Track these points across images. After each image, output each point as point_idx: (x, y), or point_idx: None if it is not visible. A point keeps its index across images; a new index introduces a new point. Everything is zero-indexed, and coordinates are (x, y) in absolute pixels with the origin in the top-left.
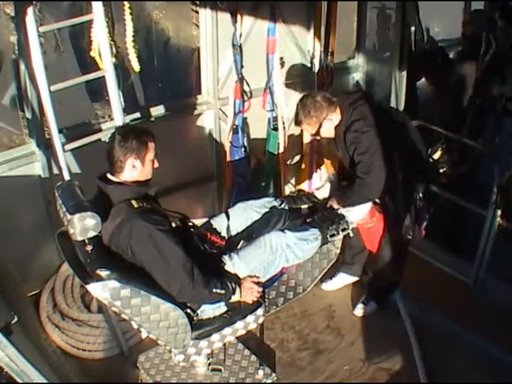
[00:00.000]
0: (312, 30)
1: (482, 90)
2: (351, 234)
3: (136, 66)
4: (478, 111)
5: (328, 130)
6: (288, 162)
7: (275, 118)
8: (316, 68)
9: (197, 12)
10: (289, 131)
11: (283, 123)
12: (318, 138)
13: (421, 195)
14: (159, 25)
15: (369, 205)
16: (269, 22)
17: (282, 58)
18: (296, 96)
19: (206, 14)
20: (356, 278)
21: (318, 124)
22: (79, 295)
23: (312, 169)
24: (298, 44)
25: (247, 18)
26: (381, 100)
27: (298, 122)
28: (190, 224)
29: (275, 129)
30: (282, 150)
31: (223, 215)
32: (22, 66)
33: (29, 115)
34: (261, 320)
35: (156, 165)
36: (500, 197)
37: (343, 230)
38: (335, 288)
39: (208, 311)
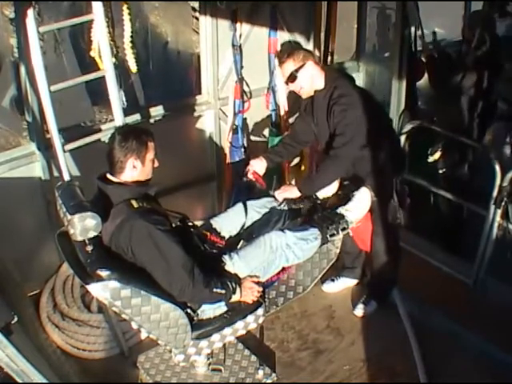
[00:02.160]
0: (312, 31)
1: (485, 93)
2: (351, 234)
3: (133, 67)
4: (481, 113)
5: (308, 78)
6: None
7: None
8: None
9: (196, 18)
10: None
11: (285, 122)
12: (292, 86)
13: (399, 179)
14: (159, 26)
15: (368, 204)
16: (269, 23)
17: None
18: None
19: (206, 15)
20: (357, 281)
21: (302, 63)
22: (79, 295)
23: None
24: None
25: (247, 19)
26: (380, 100)
27: (282, 59)
28: (190, 224)
29: (277, 128)
30: None
31: (223, 215)
32: (22, 67)
33: (29, 116)
34: (261, 320)
35: (156, 164)
36: None
37: (343, 229)
38: (336, 290)
39: (208, 311)
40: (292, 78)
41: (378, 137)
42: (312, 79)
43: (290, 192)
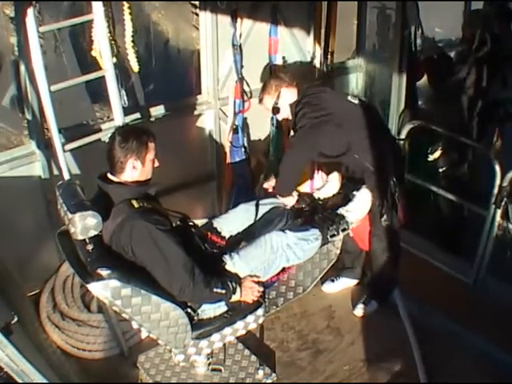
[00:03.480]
0: (312, 31)
1: (484, 93)
2: (351, 234)
3: (135, 67)
4: (480, 114)
5: (288, 103)
6: None
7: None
8: (316, 68)
9: (197, 14)
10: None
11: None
12: (280, 116)
13: (393, 181)
14: (159, 25)
15: (369, 204)
16: (270, 22)
17: (283, 58)
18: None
19: (205, 15)
20: (357, 281)
21: (277, 93)
22: (79, 295)
23: (313, 169)
24: (298, 44)
25: (247, 18)
26: (380, 100)
27: (260, 98)
28: (191, 224)
29: (279, 128)
30: (285, 149)
31: (225, 215)
32: (22, 67)
33: (29, 115)
34: (261, 320)
35: (156, 164)
36: None
37: (343, 230)
38: (336, 290)
39: (208, 311)
40: (276, 110)
41: (373, 138)
42: (291, 102)
43: (286, 202)
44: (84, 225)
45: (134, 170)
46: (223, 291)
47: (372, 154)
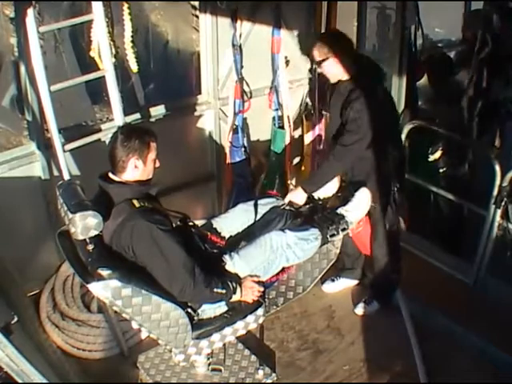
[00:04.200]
0: (312, 31)
1: (484, 93)
2: (350, 234)
3: (134, 67)
4: (481, 114)
5: (329, 71)
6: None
7: (281, 117)
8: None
9: (196, 16)
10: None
11: (288, 122)
12: (319, 69)
13: (397, 186)
14: (158, 26)
15: (368, 204)
16: (273, 22)
17: (286, 57)
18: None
19: (205, 15)
20: (357, 281)
21: (325, 57)
22: (79, 295)
23: (313, 169)
24: (298, 44)
25: (247, 18)
26: None
27: (313, 44)
28: (191, 224)
29: (281, 128)
30: (287, 149)
31: (224, 215)
32: (22, 67)
33: (29, 116)
34: (261, 320)
35: (157, 164)
36: None
37: (343, 229)
38: (336, 290)
39: (208, 311)
40: (318, 65)
41: (385, 141)
42: (333, 72)
43: (297, 197)
44: (84, 225)
45: (136, 169)
46: (224, 291)
47: (380, 154)
